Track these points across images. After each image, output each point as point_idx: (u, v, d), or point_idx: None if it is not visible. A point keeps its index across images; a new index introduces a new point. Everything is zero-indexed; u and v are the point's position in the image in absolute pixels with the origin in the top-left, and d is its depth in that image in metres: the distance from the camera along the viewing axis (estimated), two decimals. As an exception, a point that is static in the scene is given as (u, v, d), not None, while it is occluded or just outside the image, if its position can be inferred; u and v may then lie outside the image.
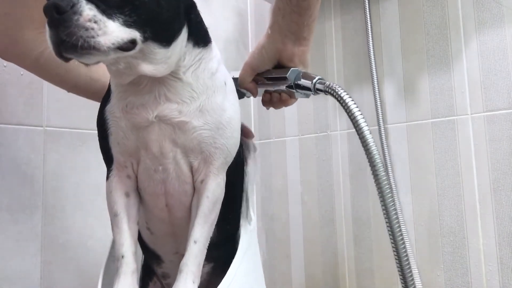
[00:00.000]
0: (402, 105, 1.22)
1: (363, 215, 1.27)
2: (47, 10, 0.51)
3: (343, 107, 0.65)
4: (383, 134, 1.21)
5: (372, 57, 1.23)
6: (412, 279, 0.62)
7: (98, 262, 0.75)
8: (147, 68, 0.59)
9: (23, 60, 0.85)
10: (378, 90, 1.22)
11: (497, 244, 1.04)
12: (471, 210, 1.09)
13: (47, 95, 1.06)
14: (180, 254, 0.71)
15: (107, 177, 0.67)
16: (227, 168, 0.69)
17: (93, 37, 0.51)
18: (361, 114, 0.64)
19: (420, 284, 1.11)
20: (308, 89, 0.71)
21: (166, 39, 0.60)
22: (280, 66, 0.75)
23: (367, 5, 1.26)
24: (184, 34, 0.63)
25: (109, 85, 0.67)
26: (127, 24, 0.54)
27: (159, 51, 0.59)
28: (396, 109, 1.23)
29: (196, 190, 0.68)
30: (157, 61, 0.60)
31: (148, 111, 0.62)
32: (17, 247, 0.99)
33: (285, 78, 0.72)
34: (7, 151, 1.00)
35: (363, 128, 0.63)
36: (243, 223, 0.78)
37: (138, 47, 0.57)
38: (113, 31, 0.53)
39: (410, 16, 1.22)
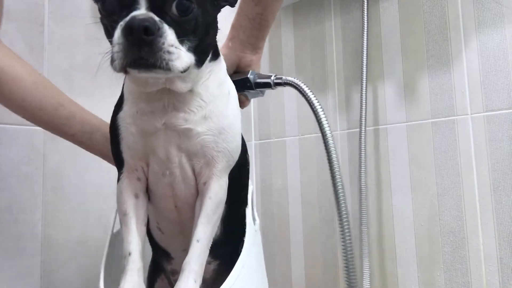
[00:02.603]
0: (402, 105, 1.22)
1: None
2: (135, 29, 0.53)
3: (301, 93, 0.80)
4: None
5: (365, 58, 1.24)
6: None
7: (98, 262, 0.76)
8: (180, 86, 0.63)
9: None
10: (366, 90, 1.23)
11: (497, 244, 1.04)
12: (471, 210, 1.09)
13: (47, 95, 1.06)
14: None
15: (118, 179, 0.70)
16: (229, 170, 0.71)
17: (171, 60, 0.55)
18: (317, 100, 0.79)
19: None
20: (267, 85, 0.85)
21: (203, 61, 0.64)
22: (237, 72, 0.88)
23: (366, 5, 1.26)
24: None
25: (122, 93, 0.70)
26: (189, 50, 0.59)
27: (194, 71, 0.63)
28: (396, 109, 1.23)
29: (199, 192, 0.70)
30: (190, 79, 0.64)
31: (157, 119, 0.65)
32: (17, 247, 0.99)
33: (246, 79, 0.85)
34: (7, 151, 1.00)
35: (322, 118, 0.81)
36: (248, 223, 0.79)
37: (191, 70, 0.61)
38: (184, 55, 0.57)
39: (410, 16, 1.22)
